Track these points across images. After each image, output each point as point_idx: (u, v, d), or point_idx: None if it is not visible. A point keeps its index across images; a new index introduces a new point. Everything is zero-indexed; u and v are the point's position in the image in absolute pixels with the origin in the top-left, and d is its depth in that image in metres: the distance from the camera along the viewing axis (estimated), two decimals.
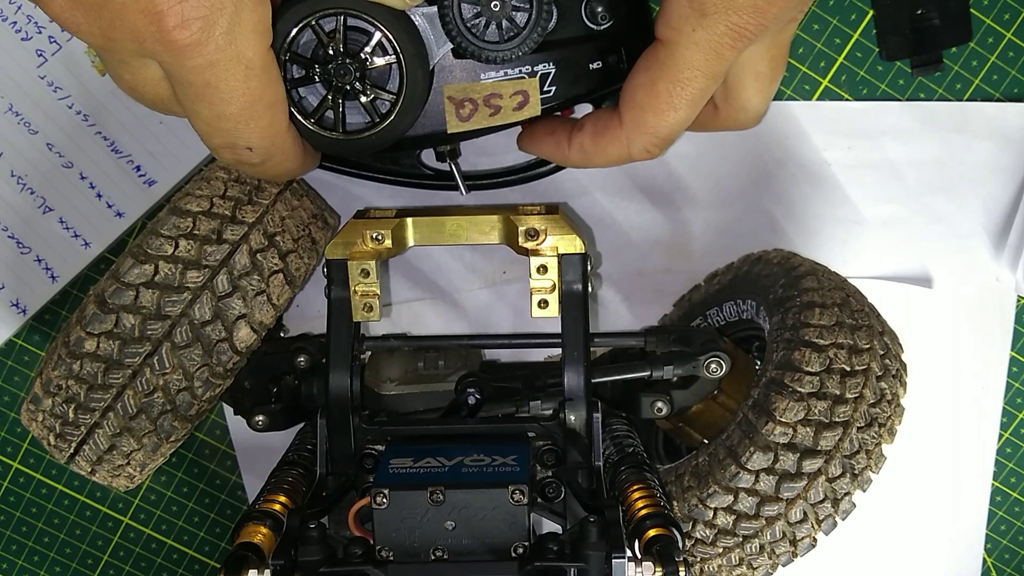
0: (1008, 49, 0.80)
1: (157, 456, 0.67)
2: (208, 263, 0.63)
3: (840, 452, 0.64)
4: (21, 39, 0.78)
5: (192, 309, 0.63)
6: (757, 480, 0.64)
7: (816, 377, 0.64)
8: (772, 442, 0.64)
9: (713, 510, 0.65)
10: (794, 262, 0.73)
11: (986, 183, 0.81)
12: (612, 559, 0.57)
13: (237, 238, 0.64)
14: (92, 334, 0.63)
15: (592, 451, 0.67)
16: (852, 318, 0.68)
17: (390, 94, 0.64)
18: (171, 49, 0.57)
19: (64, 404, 0.65)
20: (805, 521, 0.65)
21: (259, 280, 0.64)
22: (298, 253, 0.66)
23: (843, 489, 0.65)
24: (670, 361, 0.71)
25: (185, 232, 0.63)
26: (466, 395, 0.72)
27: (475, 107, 0.67)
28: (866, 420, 0.65)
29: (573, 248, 0.68)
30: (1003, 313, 0.84)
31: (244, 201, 0.66)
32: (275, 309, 0.64)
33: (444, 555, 0.59)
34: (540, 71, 0.67)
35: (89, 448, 0.66)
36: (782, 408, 0.64)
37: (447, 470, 0.61)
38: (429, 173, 0.77)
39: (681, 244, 0.83)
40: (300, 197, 0.70)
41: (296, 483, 0.68)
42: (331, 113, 0.65)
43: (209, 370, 0.63)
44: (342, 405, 0.68)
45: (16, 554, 0.87)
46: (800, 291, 0.69)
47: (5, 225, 0.80)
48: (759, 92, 0.68)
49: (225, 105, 0.60)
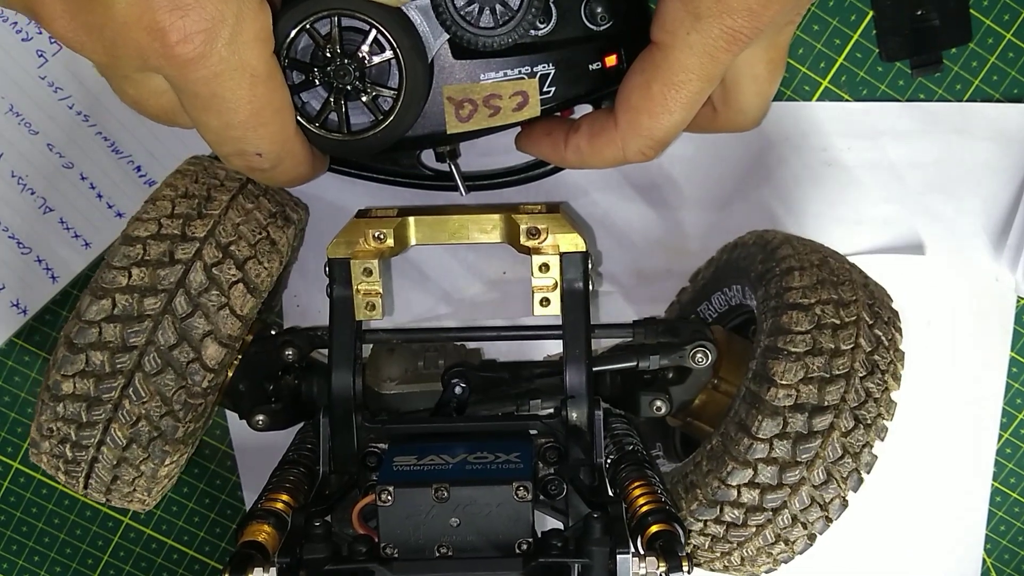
0: (1008, 50, 0.80)
1: (160, 480, 0.67)
2: (163, 287, 0.62)
3: (848, 404, 0.64)
4: (22, 40, 0.78)
5: (156, 336, 0.62)
6: (772, 448, 0.64)
7: (807, 335, 0.64)
8: (778, 407, 0.63)
9: (736, 488, 0.65)
10: (767, 237, 0.74)
11: (986, 184, 0.82)
12: (616, 554, 0.57)
13: (190, 256, 0.63)
14: (67, 376, 0.63)
15: (594, 448, 0.68)
16: (833, 275, 0.68)
17: (391, 90, 0.64)
18: (175, 63, 0.57)
19: (60, 445, 0.65)
20: (829, 481, 0.64)
21: (219, 294, 0.63)
22: (257, 259, 0.65)
23: (860, 441, 0.64)
24: (657, 351, 0.71)
25: (136, 260, 0.63)
26: (452, 386, 0.71)
27: (475, 108, 0.67)
28: (867, 368, 0.65)
29: (574, 247, 0.69)
30: (1003, 313, 0.84)
31: (193, 216, 0.65)
32: (241, 320, 0.64)
33: (448, 552, 0.59)
34: (539, 72, 0.67)
35: (95, 480, 0.67)
36: (781, 371, 0.64)
37: (451, 467, 0.61)
38: (429, 174, 0.77)
39: (680, 244, 0.83)
40: (256, 198, 0.69)
41: (298, 482, 0.68)
42: (335, 115, 0.65)
43: (186, 392, 0.62)
44: (345, 404, 0.68)
45: (16, 554, 0.87)
46: (777, 261, 0.69)
47: (6, 225, 0.80)
48: (757, 94, 0.68)
49: (233, 114, 0.60)
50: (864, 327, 0.66)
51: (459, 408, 0.71)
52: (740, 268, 0.74)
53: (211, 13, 0.56)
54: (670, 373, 0.72)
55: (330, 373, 0.69)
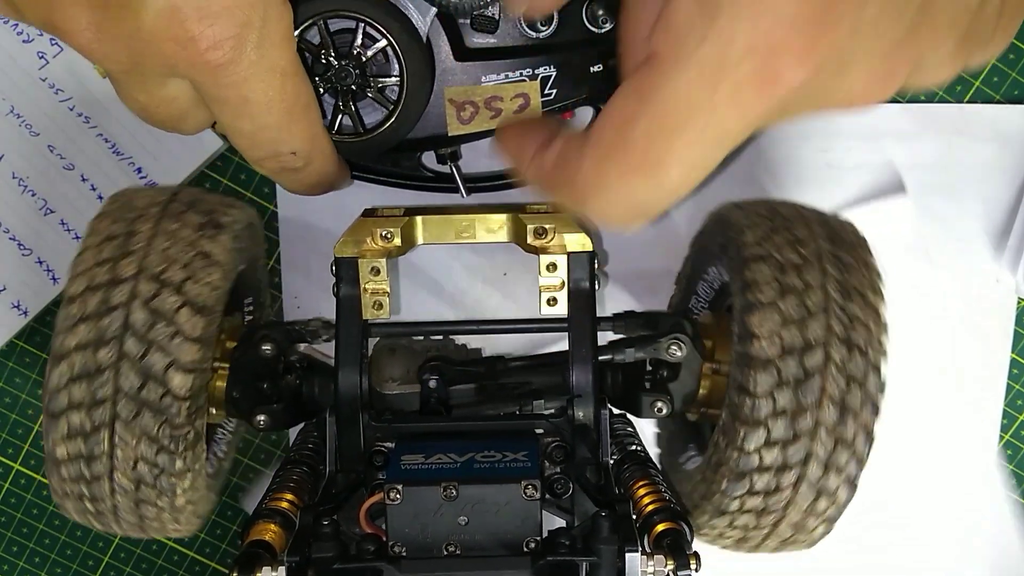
0: (1008, 51, 0.80)
1: (184, 509, 0.67)
2: (111, 335, 0.62)
3: (834, 335, 0.63)
4: (23, 41, 0.78)
5: (120, 383, 0.62)
6: (774, 401, 0.62)
7: (773, 282, 0.63)
8: (765, 358, 0.62)
9: (756, 453, 0.63)
10: (719, 211, 0.73)
11: (986, 185, 0.82)
12: (625, 552, 0.57)
13: (126, 298, 0.62)
14: (59, 441, 0.63)
15: (600, 447, 0.68)
16: (784, 220, 0.67)
17: (394, 77, 0.65)
18: (205, 71, 0.57)
19: (79, 502, 0.65)
20: (845, 416, 0.63)
21: (166, 325, 0.62)
22: (193, 278, 0.64)
23: (860, 367, 0.63)
24: (632, 344, 0.71)
25: (78, 317, 0.62)
26: (425, 381, 0.71)
27: (476, 110, 0.68)
28: (842, 294, 0.64)
29: (581, 246, 0.69)
30: (1003, 315, 0.84)
31: (120, 256, 0.64)
32: (198, 342, 0.63)
33: (457, 550, 0.59)
34: (541, 74, 0.68)
35: (126, 524, 0.67)
36: (757, 322, 0.63)
37: (459, 466, 0.61)
38: (430, 175, 0.78)
39: (681, 246, 0.83)
40: (179, 215, 0.67)
41: (302, 481, 0.68)
42: (348, 119, 0.65)
43: (168, 425, 0.62)
44: (352, 403, 0.68)
45: (17, 555, 0.87)
46: (730, 227, 0.69)
47: (6, 227, 0.80)
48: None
49: (266, 115, 0.60)
50: (827, 256, 0.65)
51: (443, 404, 0.71)
52: (708, 251, 0.74)
53: (239, 19, 0.56)
54: (664, 371, 0.72)
55: (337, 372, 0.69)
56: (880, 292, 0.65)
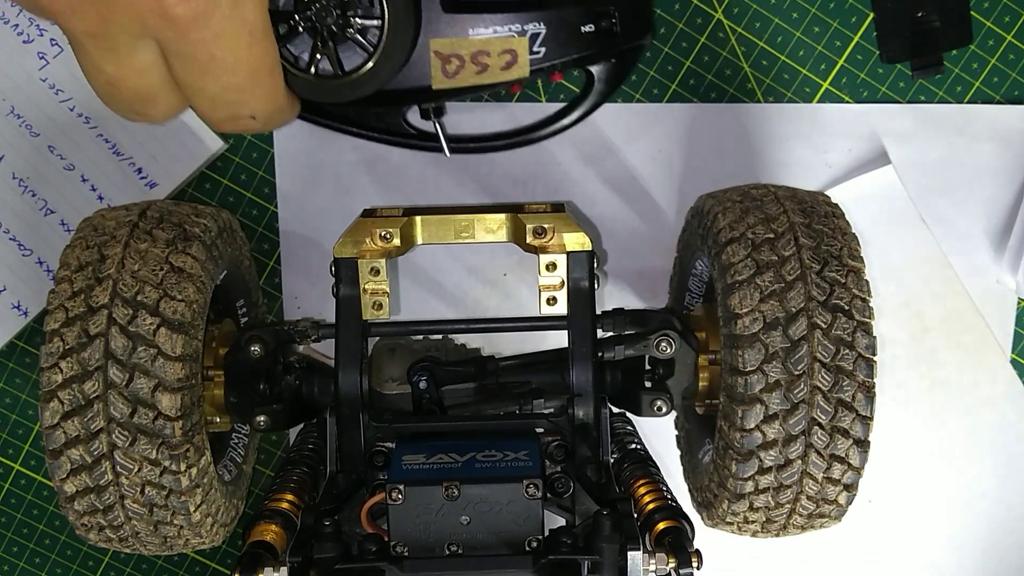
0: (1008, 52, 0.80)
1: (203, 523, 0.67)
2: (94, 366, 0.62)
3: (816, 301, 0.63)
4: (23, 42, 0.78)
5: (111, 412, 0.62)
6: (765, 375, 0.62)
7: (748, 260, 0.64)
8: (751, 334, 0.63)
9: (758, 430, 0.63)
10: (697, 204, 0.73)
11: (987, 185, 0.82)
12: (627, 551, 0.57)
13: (103, 327, 0.62)
14: (65, 479, 0.63)
15: (601, 446, 0.68)
16: (754, 201, 0.68)
17: (376, 19, 0.64)
18: (176, 24, 0.57)
19: (101, 532, 0.66)
20: (840, 379, 0.63)
21: (146, 347, 0.62)
22: (168, 296, 0.64)
23: (847, 328, 0.63)
24: (621, 342, 0.71)
25: (60, 353, 0.62)
26: (416, 382, 0.71)
27: (462, 64, 0.67)
28: (819, 262, 0.64)
29: (580, 246, 0.69)
30: (1003, 316, 0.84)
31: (93, 285, 0.64)
32: (180, 360, 0.63)
33: (459, 550, 0.59)
34: (530, 31, 0.67)
35: (152, 545, 0.68)
36: (737, 301, 0.63)
37: (460, 465, 0.62)
38: (413, 132, 0.77)
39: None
40: (148, 232, 0.67)
41: (302, 482, 0.68)
42: (327, 61, 0.65)
43: (165, 445, 0.62)
44: (352, 403, 0.68)
45: (18, 556, 0.87)
46: (705, 216, 0.69)
47: (7, 227, 0.80)
48: None
49: (231, 76, 0.60)
50: (799, 228, 0.65)
51: (437, 404, 0.71)
52: (691, 246, 0.74)
53: None
54: (661, 369, 0.72)
55: (337, 372, 0.69)
56: (859, 255, 0.65)
